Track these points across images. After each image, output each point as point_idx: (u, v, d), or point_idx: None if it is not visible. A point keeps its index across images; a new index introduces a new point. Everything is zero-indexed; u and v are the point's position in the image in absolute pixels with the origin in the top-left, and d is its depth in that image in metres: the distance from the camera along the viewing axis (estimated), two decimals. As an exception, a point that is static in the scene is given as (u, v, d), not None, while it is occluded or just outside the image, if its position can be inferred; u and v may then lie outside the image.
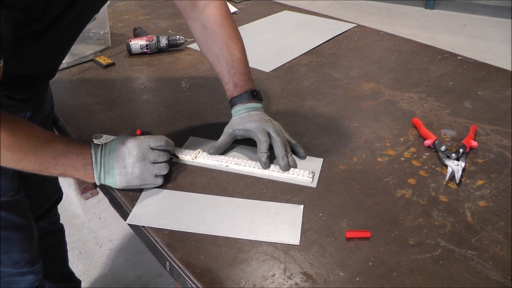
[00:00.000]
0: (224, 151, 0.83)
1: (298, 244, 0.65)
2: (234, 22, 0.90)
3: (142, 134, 0.76)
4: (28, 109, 0.87)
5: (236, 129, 0.82)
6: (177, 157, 0.80)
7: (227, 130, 0.83)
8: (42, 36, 0.69)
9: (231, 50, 0.85)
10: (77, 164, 0.69)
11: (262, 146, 0.78)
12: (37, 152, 0.66)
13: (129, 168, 0.71)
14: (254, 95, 0.85)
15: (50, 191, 1.16)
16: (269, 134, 0.79)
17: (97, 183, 0.72)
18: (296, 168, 0.79)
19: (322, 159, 0.82)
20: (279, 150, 0.78)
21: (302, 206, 0.71)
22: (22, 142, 0.65)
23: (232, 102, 0.85)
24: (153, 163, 0.72)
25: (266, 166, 0.78)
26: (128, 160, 0.70)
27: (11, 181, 0.86)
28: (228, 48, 0.85)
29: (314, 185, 0.76)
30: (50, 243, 1.21)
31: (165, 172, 0.74)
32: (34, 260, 0.95)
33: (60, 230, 1.26)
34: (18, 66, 0.73)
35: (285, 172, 0.77)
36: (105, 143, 0.73)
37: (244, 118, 0.82)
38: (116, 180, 0.71)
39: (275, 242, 0.65)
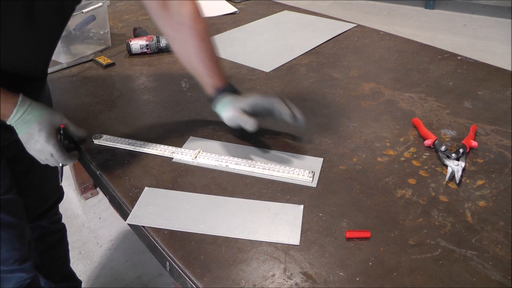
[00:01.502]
0: (221, 150, 0.85)
1: (298, 244, 0.65)
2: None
3: (64, 129, 0.82)
4: None
5: (241, 106, 0.82)
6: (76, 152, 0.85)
7: (235, 112, 0.82)
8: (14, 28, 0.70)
9: (208, 44, 0.86)
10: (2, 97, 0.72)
11: (281, 106, 0.82)
12: None
13: (35, 144, 0.77)
14: (231, 89, 0.86)
15: (50, 191, 1.16)
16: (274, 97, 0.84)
17: (8, 121, 0.74)
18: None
19: (322, 159, 0.82)
20: (293, 107, 0.82)
21: (302, 206, 0.71)
22: None
23: (220, 91, 0.85)
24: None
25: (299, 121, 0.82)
26: (36, 139, 0.76)
27: (1, 180, 0.86)
28: (205, 42, 0.86)
29: (314, 184, 0.76)
30: (50, 242, 1.21)
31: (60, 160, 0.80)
32: (24, 258, 0.96)
33: (61, 230, 1.26)
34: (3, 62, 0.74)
35: (285, 172, 0.78)
36: (28, 109, 0.75)
37: (238, 98, 0.84)
38: (23, 133, 0.76)
39: (275, 242, 0.65)
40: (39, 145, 0.76)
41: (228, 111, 0.83)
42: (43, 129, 0.76)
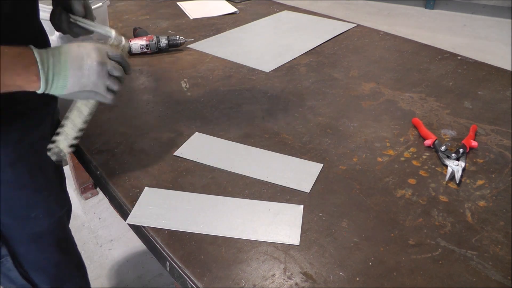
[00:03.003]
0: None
1: (298, 244, 0.65)
2: None
3: None
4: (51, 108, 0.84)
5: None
6: (129, 71, 0.73)
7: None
8: None
9: None
10: (16, 66, 0.58)
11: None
12: None
13: (86, 71, 0.63)
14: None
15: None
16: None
17: (42, 89, 0.61)
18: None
19: (321, 165, 0.81)
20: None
21: (302, 206, 0.71)
22: None
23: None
24: (108, 74, 0.66)
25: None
26: (87, 62, 0.63)
27: (64, 192, 0.86)
28: None
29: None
30: None
31: (116, 88, 0.68)
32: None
33: None
34: None
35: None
36: (51, 48, 0.63)
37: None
38: (68, 82, 0.62)
39: (275, 242, 0.65)
40: (95, 72, 0.64)
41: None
42: (90, 56, 0.64)
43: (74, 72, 0.62)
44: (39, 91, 0.62)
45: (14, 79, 0.58)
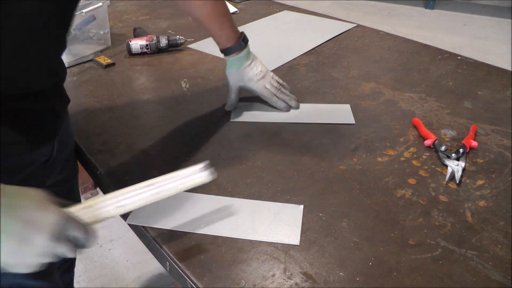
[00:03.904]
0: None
1: (298, 244, 0.65)
2: None
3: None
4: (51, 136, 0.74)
5: (241, 86, 0.97)
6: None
7: (233, 86, 0.97)
8: None
9: (219, 6, 0.90)
10: None
11: (273, 99, 0.98)
12: None
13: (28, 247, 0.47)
14: (242, 42, 0.94)
15: None
16: (266, 89, 0.96)
17: None
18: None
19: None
20: (282, 95, 0.99)
21: (302, 206, 0.71)
22: None
23: (225, 52, 0.95)
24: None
25: (287, 108, 0.99)
26: (37, 234, 0.47)
27: None
28: (217, 5, 0.90)
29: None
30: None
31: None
32: None
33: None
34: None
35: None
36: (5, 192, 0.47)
37: (242, 73, 0.95)
38: (4, 248, 0.45)
39: (275, 242, 0.65)
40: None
41: (232, 78, 0.96)
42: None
43: (13, 243, 0.46)
44: None
45: None
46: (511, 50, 3.12)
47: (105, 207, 0.56)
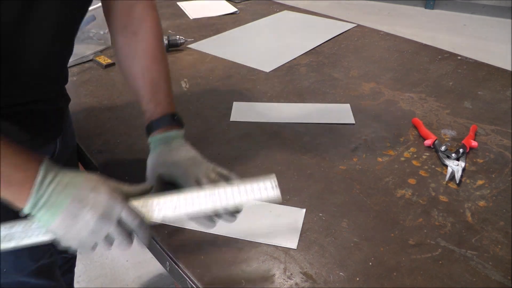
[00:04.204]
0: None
1: (295, 248, 0.64)
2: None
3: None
4: (52, 137, 0.75)
5: (161, 174, 0.67)
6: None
7: (150, 173, 0.68)
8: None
9: (159, 65, 0.74)
10: (13, 175, 0.50)
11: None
12: None
13: (79, 224, 0.51)
14: (175, 119, 0.71)
15: None
16: (197, 181, 0.64)
17: (27, 210, 0.50)
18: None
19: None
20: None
21: (304, 210, 0.70)
22: None
23: (150, 127, 0.71)
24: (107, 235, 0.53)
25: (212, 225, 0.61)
26: (85, 215, 0.51)
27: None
28: (157, 63, 0.73)
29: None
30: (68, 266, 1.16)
31: (109, 248, 0.54)
32: None
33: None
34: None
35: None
36: (63, 173, 0.53)
37: (165, 155, 0.68)
38: (53, 222, 0.51)
39: (273, 244, 0.65)
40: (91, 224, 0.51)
41: (149, 163, 0.69)
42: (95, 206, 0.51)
43: (65, 217, 0.51)
44: (24, 211, 0.51)
45: (5, 187, 0.50)
46: (511, 50, 3.12)
47: (161, 209, 0.56)
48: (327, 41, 1.37)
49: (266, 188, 0.57)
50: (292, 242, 0.65)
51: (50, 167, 0.52)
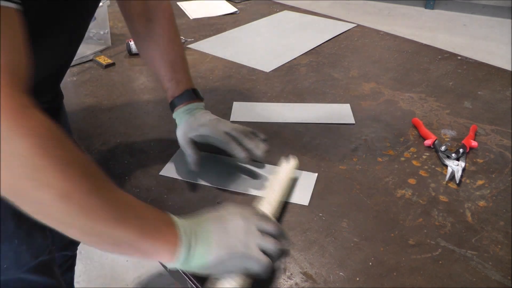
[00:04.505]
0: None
1: (307, 204, 0.71)
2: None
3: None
4: None
5: (191, 138, 0.75)
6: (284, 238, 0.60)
7: (182, 139, 0.76)
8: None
9: (175, 47, 0.81)
10: (158, 223, 0.51)
11: (231, 145, 0.73)
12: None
13: (231, 229, 0.54)
14: (195, 93, 0.81)
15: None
16: (227, 133, 0.74)
17: (182, 256, 0.51)
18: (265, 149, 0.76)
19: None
20: (246, 141, 0.74)
21: (316, 174, 0.77)
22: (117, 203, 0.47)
23: (174, 103, 0.79)
24: (260, 232, 0.56)
25: (246, 159, 0.73)
26: (231, 222, 0.55)
27: (45, 239, 0.74)
28: (173, 44, 0.81)
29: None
30: (67, 266, 1.16)
31: (271, 247, 0.55)
32: None
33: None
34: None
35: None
36: (187, 219, 0.56)
37: (192, 122, 0.76)
38: (212, 246, 0.52)
39: (288, 201, 0.71)
40: (241, 229, 0.55)
41: (179, 132, 0.77)
42: (231, 214, 0.57)
43: (218, 234, 0.53)
44: (177, 264, 0.52)
45: (157, 239, 0.50)
46: (511, 50, 3.12)
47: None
48: (327, 41, 1.38)
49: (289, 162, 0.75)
50: (304, 200, 0.72)
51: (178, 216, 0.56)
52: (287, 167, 0.74)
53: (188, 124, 0.76)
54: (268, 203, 0.66)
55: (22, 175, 0.38)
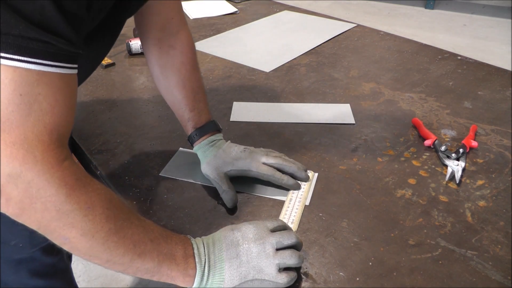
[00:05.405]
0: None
1: (307, 204, 0.71)
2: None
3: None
4: None
5: (227, 172, 0.73)
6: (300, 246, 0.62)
7: (215, 175, 0.73)
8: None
9: (197, 77, 0.79)
10: (176, 254, 0.53)
11: (276, 175, 0.73)
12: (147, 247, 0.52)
13: (244, 256, 0.55)
14: (216, 124, 0.79)
15: None
16: (265, 164, 0.74)
17: (195, 285, 0.54)
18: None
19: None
20: (288, 166, 0.74)
21: (316, 174, 0.78)
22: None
23: (196, 135, 0.76)
24: (276, 249, 0.57)
25: (297, 186, 0.74)
26: (243, 246, 0.56)
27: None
28: (195, 74, 0.79)
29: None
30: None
31: (291, 262, 0.56)
32: None
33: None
34: None
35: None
36: (206, 237, 0.59)
37: (222, 155, 0.74)
38: (225, 276, 0.54)
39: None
40: (254, 253, 0.56)
41: (208, 167, 0.74)
42: (245, 238, 0.57)
43: (231, 262, 0.55)
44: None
45: (171, 269, 0.53)
46: (511, 50, 3.12)
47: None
48: (327, 41, 1.38)
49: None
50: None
51: (196, 239, 0.58)
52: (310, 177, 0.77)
53: (219, 158, 0.73)
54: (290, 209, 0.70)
55: (52, 218, 0.46)
